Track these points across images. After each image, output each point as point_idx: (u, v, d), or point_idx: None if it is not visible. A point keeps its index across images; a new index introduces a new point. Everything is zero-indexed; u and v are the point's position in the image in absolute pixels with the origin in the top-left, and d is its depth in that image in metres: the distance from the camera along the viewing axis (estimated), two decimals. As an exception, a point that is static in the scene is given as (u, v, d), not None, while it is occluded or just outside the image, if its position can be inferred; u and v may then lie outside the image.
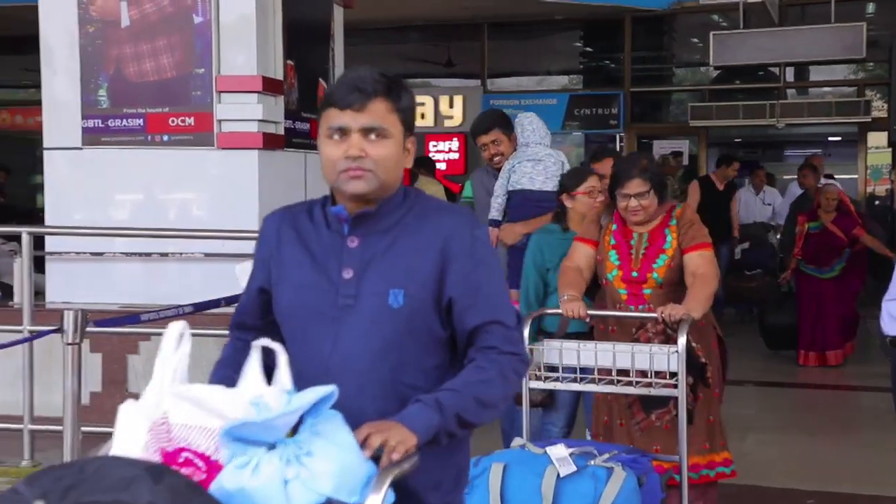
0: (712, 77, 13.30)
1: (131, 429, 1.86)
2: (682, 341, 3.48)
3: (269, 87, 5.83)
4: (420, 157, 11.26)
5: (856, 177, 12.86)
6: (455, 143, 13.09)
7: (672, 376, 3.52)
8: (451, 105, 13.14)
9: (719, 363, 4.03)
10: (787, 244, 8.89)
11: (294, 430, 1.82)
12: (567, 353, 3.65)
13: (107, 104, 5.93)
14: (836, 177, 10.55)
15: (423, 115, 13.15)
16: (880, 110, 12.51)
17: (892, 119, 12.02)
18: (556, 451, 3.32)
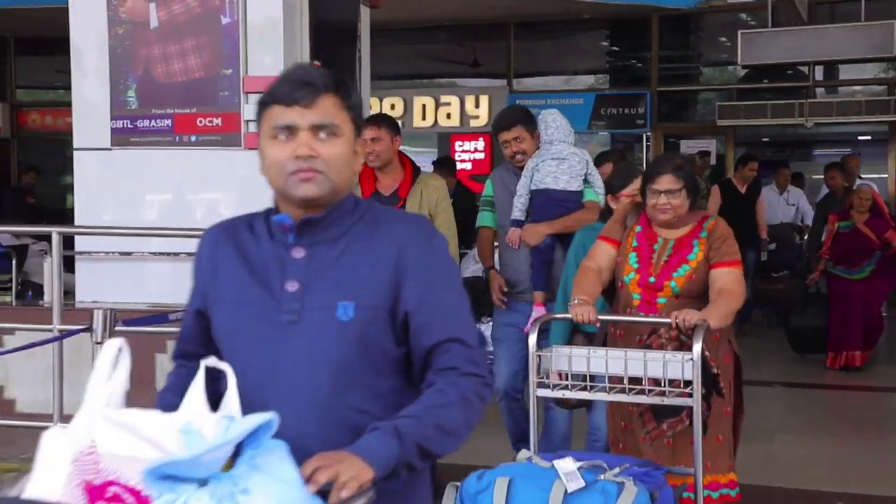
0: (740, 76, 13.21)
1: (53, 459, 1.63)
2: (697, 348, 3.29)
3: (296, 87, 5.86)
4: (441, 157, 11.29)
5: (886, 176, 12.71)
6: (481, 143, 13.08)
7: (686, 385, 3.34)
8: (477, 105, 13.12)
9: (732, 380, 3.82)
10: (816, 245, 8.78)
11: (232, 462, 1.62)
12: (576, 360, 3.46)
13: (135, 105, 5.98)
14: (865, 176, 10.44)
15: (448, 115, 13.16)
16: (911, 109, 12.39)
17: (922, 118, 11.89)
18: (564, 464, 3.14)
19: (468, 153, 13.11)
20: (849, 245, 7.96)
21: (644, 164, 11.89)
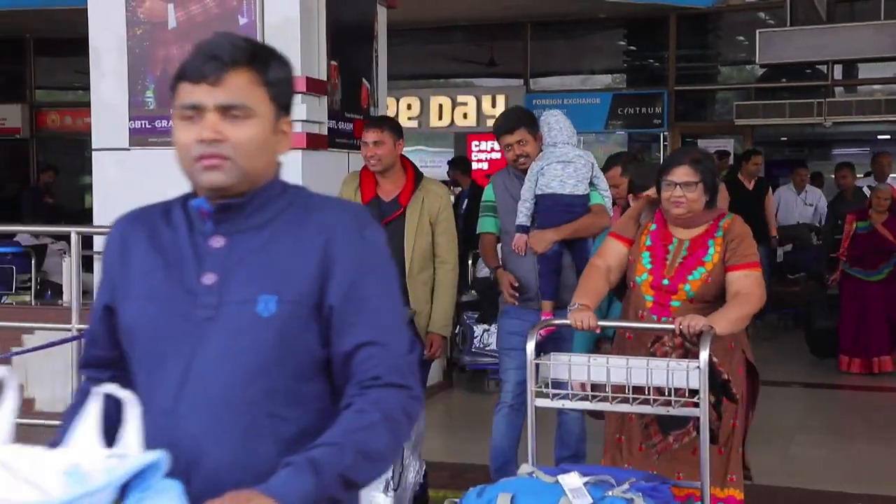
0: (758, 75, 13.16)
1: None
2: (704, 356, 3.10)
3: (313, 87, 5.86)
4: (456, 157, 11.31)
5: (905, 176, 12.65)
6: (497, 144, 13.07)
7: (693, 394, 3.14)
8: (494, 105, 13.11)
9: (745, 391, 3.62)
10: (828, 246, 8.67)
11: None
12: (576, 368, 3.24)
13: (153, 105, 6.00)
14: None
15: (465, 115, 13.17)
16: (931, 108, 12.31)
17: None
18: (570, 480, 2.97)
19: (484, 153, 13.12)
20: (866, 246, 7.80)
21: (661, 163, 11.83)
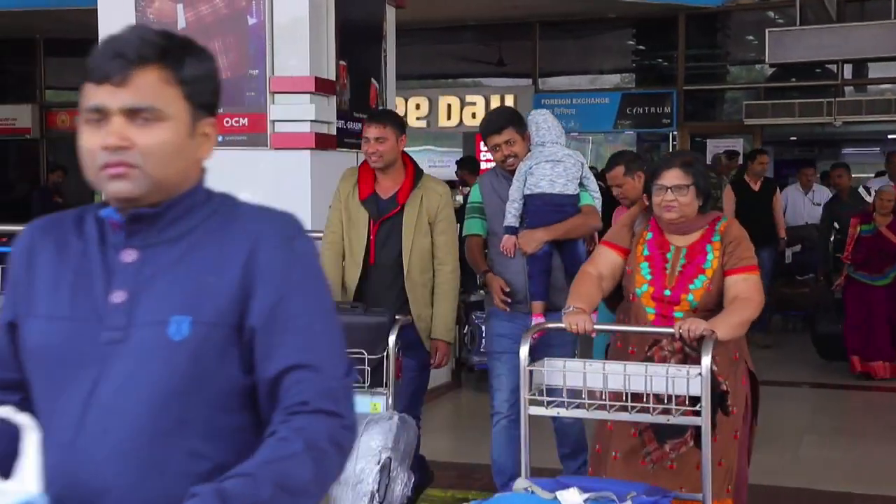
0: (767, 75, 13.13)
1: None
2: (706, 362, 2.96)
3: (322, 87, 5.88)
4: (464, 157, 11.31)
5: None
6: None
7: (693, 402, 3.00)
8: (503, 104, 13.13)
9: (746, 403, 3.52)
10: (821, 248, 8.62)
11: None
12: (571, 374, 3.10)
13: (163, 105, 6.02)
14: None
15: (473, 115, 13.18)
16: (941, 108, 12.26)
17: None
18: (569, 496, 2.84)
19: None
20: (871, 249, 7.62)
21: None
